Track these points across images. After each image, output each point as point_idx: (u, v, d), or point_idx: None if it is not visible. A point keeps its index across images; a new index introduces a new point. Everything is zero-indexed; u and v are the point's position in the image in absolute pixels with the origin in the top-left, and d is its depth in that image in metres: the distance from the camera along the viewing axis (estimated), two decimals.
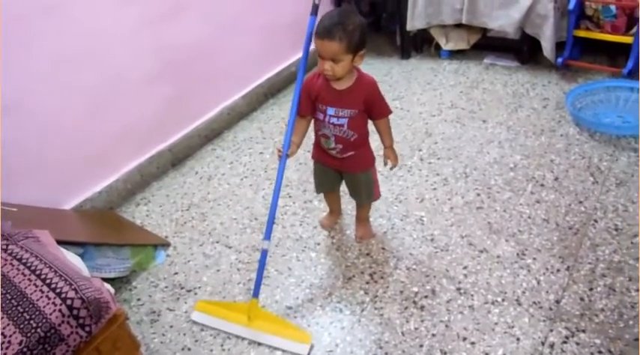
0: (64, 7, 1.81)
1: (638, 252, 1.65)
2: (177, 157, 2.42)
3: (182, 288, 1.78)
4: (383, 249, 1.82)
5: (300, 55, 3.00)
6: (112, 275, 1.75)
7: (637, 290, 1.54)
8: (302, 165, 2.29)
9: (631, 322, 1.45)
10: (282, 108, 2.76)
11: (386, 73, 2.95)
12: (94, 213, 2.08)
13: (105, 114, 2.07)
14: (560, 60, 2.57)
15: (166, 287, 1.79)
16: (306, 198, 2.11)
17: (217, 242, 1.95)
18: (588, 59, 2.64)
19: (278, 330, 1.55)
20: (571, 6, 2.46)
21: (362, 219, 1.88)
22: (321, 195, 1.96)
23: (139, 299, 1.76)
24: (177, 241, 1.98)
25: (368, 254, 1.80)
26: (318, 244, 1.88)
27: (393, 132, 2.41)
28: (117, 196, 2.19)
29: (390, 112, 1.62)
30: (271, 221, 1.60)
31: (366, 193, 1.77)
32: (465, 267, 1.70)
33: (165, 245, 1.95)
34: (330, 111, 1.56)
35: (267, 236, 1.60)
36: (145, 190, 2.27)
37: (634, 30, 2.41)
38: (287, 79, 2.96)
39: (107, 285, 1.49)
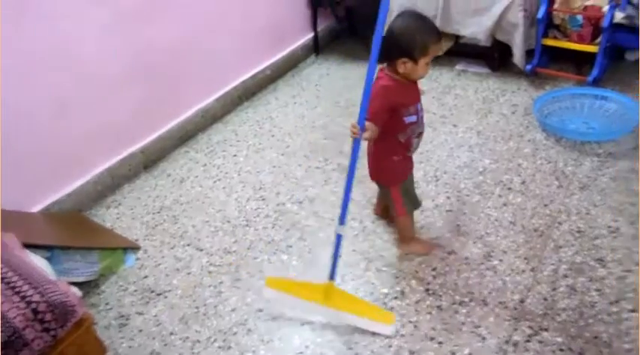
0: (35, 5, 1.79)
1: (598, 253, 1.70)
2: (150, 159, 2.40)
3: (152, 292, 1.76)
4: (354, 251, 1.84)
5: (275, 58, 3.03)
6: (80, 279, 1.73)
7: (597, 290, 1.59)
8: (275, 168, 2.30)
9: (591, 320, 1.50)
10: (257, 112, 2.77)
11: (360, 77, 2.95)
12: (63, 215, 2.05)
13: (75, 115, 2.04)
14: (529, 67, 2.64)
15: (136, 290, 1.78)
16: (279, 200, 2.12)
17: (189, 245, 1.94)
18: (556, 67, 2.72)
19: (360, 310, 1.53)
20: (540, 15, 2.53)
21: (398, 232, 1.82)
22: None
23: (107, 304, 1.74)
24: (147, 244, 1.96)
25: (339, 256, 1.82)
26: (290, 247, 1.89)
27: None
28: (87, 198, 2.16)
29: None
30: (346, 205, 1.50)
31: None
32: (433, 269, 1.73)
33: (135, 248, 1.94)
34: (418, 105, 1.56)
35: (342, 221, 1.52)
36: (116, 192, 2.25)
37: (599, 39, 2.50)
38: (262, 82, 2.96)
39: (74, 289, 1.48)
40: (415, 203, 1.75)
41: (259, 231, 1.98)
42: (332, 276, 1.57)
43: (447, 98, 2.67)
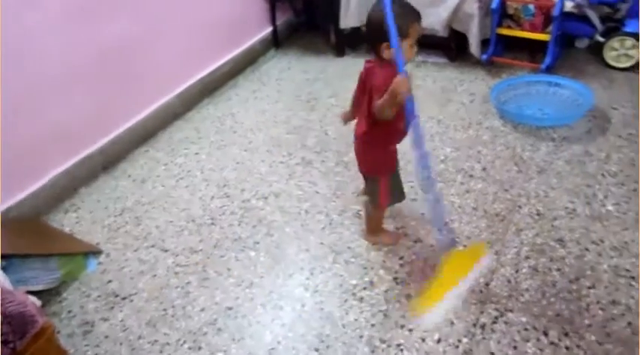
0: None
1: (557, 234, 1.76)
2: (109, 160, 2.33)
3: (116, 296, 1.71)
4: (321, 244, 1.84)
5: (234, 53, 2.98)
6: (40, 287, 1.67)
7: (558, 270, 1.64)
8: (239, 164, 2.28)
9: (552, 299, 1.55)
10: (218, 108, 2.72)
11: (321, 70, 2.98)
12: (19, 222, 1.96)
13: (29, 116, 1.96)
14: (485, 56, 2.70)
15: (99, 296, 1.73)
16: (244, 197, 2.09)
17: (153, 246, 1.90)
18: (510, 56, 2.79)
19: (465, 266, 1.44)
20: (494, 5, 2.59)
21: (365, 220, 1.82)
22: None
23: (70, 311, 1.68)
24: (110, 248, 1.91)
25: (307, 250, 1.82)
26: (257, 243, 1.87)
27: (329, 127, 2.45)
28: (43, 203, 2.08)
29: None
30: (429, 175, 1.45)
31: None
32: (401, 258, 1.75)
33: (97, 252, 1.88)
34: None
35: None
36: (74, 196, 2.17)
37: (550, 28, 2.57)
38: (222, 78, 2.92)
39: (33, 298, 1.42)
40: (401, 196, 1.74)
41: (225, 228, 1.95)
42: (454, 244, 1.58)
43: None
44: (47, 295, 1.71)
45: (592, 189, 1.93)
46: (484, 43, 2.71)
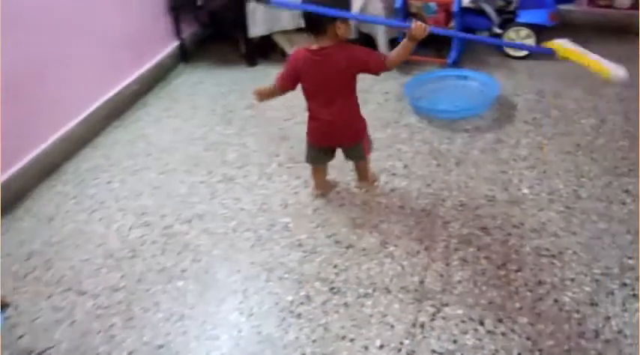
0: None
1: (481, 222, 1.81)
2: (9, 200, 2.11)
3: (30, 352, 1.54)
4: (252, 263, 1.77)
5: (140, 71, 2.82)
6: None
7: (485, 258, 1.69)
8: (156, 189, 2.15)
9: (484, 287, 1.58)
10: (129, 130, 2.57)
11: (235, 82, 2.90)
12: None
13: None
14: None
15: (11, 354, 1.55)
16: (165, 223, 1.97)
17: (68, 290, 1.73)
18: (419, 53, 2.84)
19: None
20: (397, 5, 2.64)
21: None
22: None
23: None
24: (18, 299, 1.72)
25: (238, 271, 1.74)
26: (185, 271, 1.77)
27: (248, 139, 2.39)
28: None
29: None
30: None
31: None
32: (335, 266, 1.72)
33: (4, 306, 1.68)
34: None
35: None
36: None
37: (453, 23, 2.67)
38: (130, 98, 2.76)
39: None
40: (372, 141, 1.92)
41: (148, 260, 1.82)
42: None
43: None
44: None
45: (507, 175, 2.01)
46: (392, 43, 2.76)
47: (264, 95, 1.81)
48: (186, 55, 3.14)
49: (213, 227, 1.93)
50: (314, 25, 1.55)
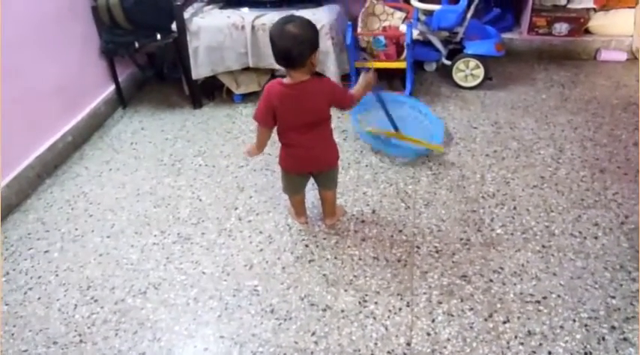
0: None
1: (459, 270, 1.73)
2: None
3: None
4: (221, 337, 1.59)
5: (74, 120, 2.58)
6: None
7: (470, 309, 1.60)
8: (102, 256, 1.93)
9: (474, 344, 1.49)
10: (65, 189, 2.31)
11: (181, 126, 2.72)
12: None
13: None
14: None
15: None
16: (116, 297, 1.75)
17: None
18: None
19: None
20: (348, 41, 2.58)
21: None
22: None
23: None
24: None
25: (205, 349, 1.55)
26: (144, 354, 1.56)
27: (202, 192, 2.23)
28: None
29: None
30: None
31: None
32: (313, 333, 1.57)
33: None
34: None
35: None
36: None
37: (404, 55, 2.64)
38: (64, 151, 2.51)
39: None
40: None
41: (99, 343, 1.60)
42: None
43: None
44: None
45: (478, 214, 1.96)
46: (344, 78, 2.70)
47: (255, 150, 1.77)
48: (123, 100, 2.93)
49: (172, 297, 1.73)
50: (294, 59, 1.50)
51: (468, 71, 2.76)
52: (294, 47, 1.47)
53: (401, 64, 2.65)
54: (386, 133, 2.31)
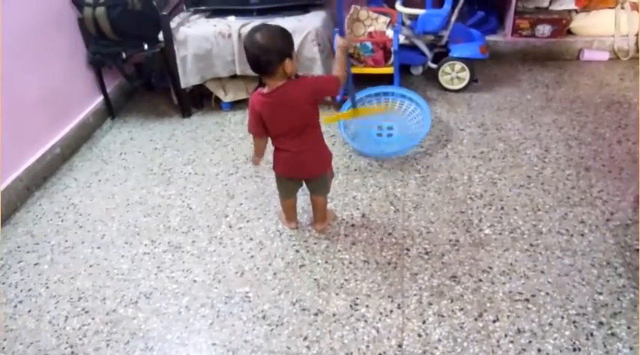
0: None
1: (449, 271, 1.75)
2: None
3: None
4: (213, 344, 1.59)
5: (62, 132, 2.58)
6: None
7: (461, 310, 1.62)
8: (93, 267, 1.92)
9: (465, 344, 1.51)
10: (55, 201, 2.31)
11: (170, 135, 2.72)
12: None
13: None
14: (338, 97, 2.70)
15: None
16: (107, 308, 1.75)
17: None
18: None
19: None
20: (334, 47, 2.59)
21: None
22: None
23: None
24: None
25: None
26: None
27: (192, 200, 2.23)
28: None
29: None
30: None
31: None
32: (305, 338, 1.58)
33: None
34: None
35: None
36: None
37: (391, 61, 2.66)
38: (52, 163, 2.50)
39: None
40: (333, 173, 1.98)
41: (91, 354, 1.60)
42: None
43: None
44: None
45: (466, 215, 1.98)
46: None
47: (256, 159, 1.84)
48: (112, 110, 2.93)
49: (163, 306, 1.73)
50: (263, 67, 1.52)
51: (453, 74, 2.79)
52: (262, 56, 1.48)
53: (388, 70, 2.68)
54: (345, 116, 2.37)
